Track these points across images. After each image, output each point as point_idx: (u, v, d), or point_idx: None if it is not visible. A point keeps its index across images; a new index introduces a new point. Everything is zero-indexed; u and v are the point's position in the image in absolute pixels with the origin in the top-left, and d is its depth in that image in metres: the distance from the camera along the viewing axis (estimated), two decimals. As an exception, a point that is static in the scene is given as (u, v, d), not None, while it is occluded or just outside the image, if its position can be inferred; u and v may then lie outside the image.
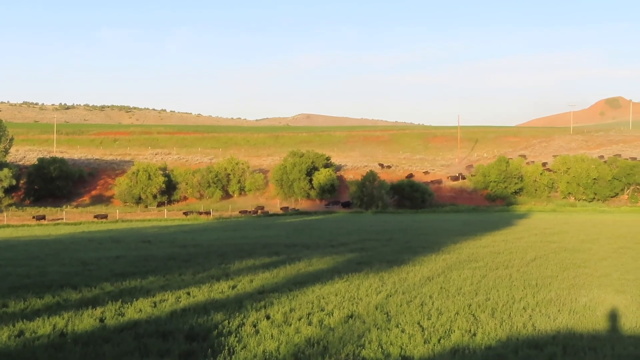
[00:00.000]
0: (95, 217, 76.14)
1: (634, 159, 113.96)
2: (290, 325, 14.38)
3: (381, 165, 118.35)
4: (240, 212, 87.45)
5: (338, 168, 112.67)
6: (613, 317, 15.47)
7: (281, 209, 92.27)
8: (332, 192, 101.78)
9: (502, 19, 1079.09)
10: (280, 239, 40.26)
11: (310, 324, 14.52)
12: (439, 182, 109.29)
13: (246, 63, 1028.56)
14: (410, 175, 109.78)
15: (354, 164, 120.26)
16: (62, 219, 74.24)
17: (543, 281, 20.91)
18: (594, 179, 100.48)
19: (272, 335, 13.43)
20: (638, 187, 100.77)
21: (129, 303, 16.92)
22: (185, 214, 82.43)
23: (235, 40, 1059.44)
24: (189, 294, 18.47)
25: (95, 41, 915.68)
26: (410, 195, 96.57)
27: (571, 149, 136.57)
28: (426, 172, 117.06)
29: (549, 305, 16.85)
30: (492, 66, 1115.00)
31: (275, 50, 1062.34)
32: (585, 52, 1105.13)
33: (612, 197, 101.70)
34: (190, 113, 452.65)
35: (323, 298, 17.70)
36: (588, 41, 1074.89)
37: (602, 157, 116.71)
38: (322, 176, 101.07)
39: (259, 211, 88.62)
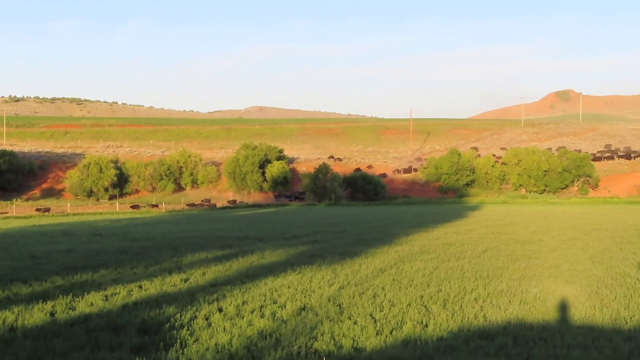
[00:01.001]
0: (37, 210, 75.20)
1: (579, 151, 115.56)
2: (243, 318, 14.34)
3: (334, 157, 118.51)
4: (187, 205, 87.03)
5: (291, 161, 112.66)
6: (563, 307, 15.66)
7: (229, 202, 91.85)
8: (285, 184, 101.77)
9: (454, 11, 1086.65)
10: (233, 231, 40.12)
11: (262, 316, 14.49)
12: (392, 174, 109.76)
13: (198, 55, 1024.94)
14: (358, 170, 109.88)
15: (307, 156, 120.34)
16: (12, 212, 73.25)
17: (494, 272, 21.10)
18: (545, 171, 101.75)
19: (224, 328, 13.38)
20: (588, 179, 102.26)
21: (80, 297, 16.73)
22: (134, 207, 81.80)
23: (187, 31, 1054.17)
24: (141, 287, 18.33)
25: (45, 33, 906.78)
26: (363, 187, 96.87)
27: (522, 142, 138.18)
28: (379, 165, 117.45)
29: (500, 296, 17.01)
30: (444, 59, 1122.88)
31: (227, 42, 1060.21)
32: (535, 45, 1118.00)
33: (562, 188, 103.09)
34: (142, 105, 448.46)
35: (276, 290, 17.69)
36: (538, 34, 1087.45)
37: (552, 149, 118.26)
38: (275, 169, 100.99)
39: (205, 204, 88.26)
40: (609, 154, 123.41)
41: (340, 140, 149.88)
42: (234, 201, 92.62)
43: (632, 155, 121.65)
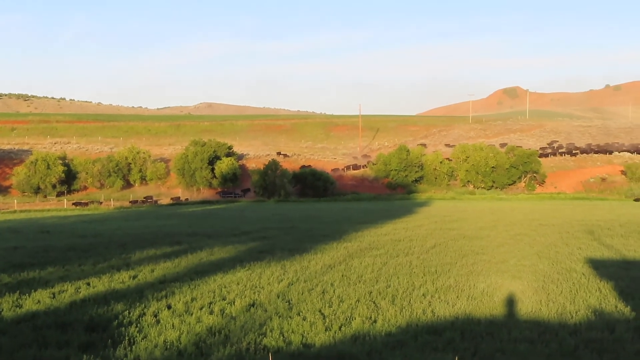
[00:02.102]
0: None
1: (519, 146, 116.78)
2: (192, 314, 14.30)
3: (283, 154, 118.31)
4: (130, 202, 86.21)
5: (240, 157, 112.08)
6: (510, 302, 15.84)
7: (172, 199, 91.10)
8: (234, 181, 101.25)
9: (403, 8, 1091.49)
10: (182, 228, 39.87)
11: (211, 313, 14.46)
12: (341, 170, 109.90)
13: (147, 51, 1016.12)
14: (308, 166, 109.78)
15: (256, 153, 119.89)
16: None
17: (442, 268, 21.27)
18: (492, 167, 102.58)
19: (173, 325, 13.33)
20: (535, 175, 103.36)
21: (27, 294, 16.55)
22: (76, 204, 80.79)
23: (135, 27, 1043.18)
24: (89, 284, 18.16)
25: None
26: (313, 183, 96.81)
27: (470, 138, 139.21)
28: (328, 161, 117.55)
29: (448, 291, 17.15)
30: (392, 55, 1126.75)
31: (176, 38, 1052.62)
32: (483, 43, 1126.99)
33: (509, 185, 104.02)
34: (90, 102, 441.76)
35: (225, 287, 17.65)
36: (486, 31, 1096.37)
37: (500, 145, 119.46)
38: (224, 165, 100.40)
39: (148, 201, 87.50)
40: (554, 151, 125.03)
41: (289, 137, 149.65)
42: (177, 198, 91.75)
43: (575, 151, 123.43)
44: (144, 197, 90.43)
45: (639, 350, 11.70)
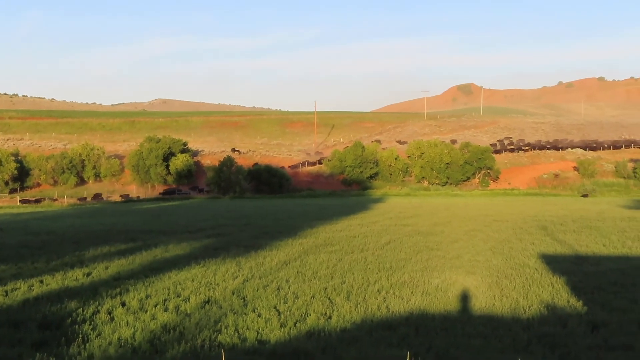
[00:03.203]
0: None
1: (471, 141, 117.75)
2: (146, 311, 14.21)
3: (239, 150, 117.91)
4: (78, 199, 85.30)
5: (195, 153, 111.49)
6: (464, 298, 15.97)
7: (121, 196, 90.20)
8: (189, 177, 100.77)
9: (358, 4, 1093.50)
10: (137, 225, 39.56)
11: (166, 310, 14.39)
12: (296, 167, 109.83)
13: (101, 47, 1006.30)
14: (256, 163, 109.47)
15: (212, 149, 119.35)
16: None
17: (397, 264, 21.37)
18: (447, 163, 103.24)
19: (127, 322, 13.23)
20: (489, 171, 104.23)
21: (-22, 292, 16.33)
22: (23, 202, 79.73)
23: (89, 23, 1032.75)
24: (42, 282, 17.95)
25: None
26: (268, 180, 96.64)
27: (425, 135, 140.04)
28: (283, 158, 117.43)
29: (403, 287, 17.24)
30: (347, 52, 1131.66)
31: (130, 34, 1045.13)
32: (437, 39, 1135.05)
33: (464, 181, 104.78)
34: (44, 98, 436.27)
35: (179, 284, 17.57)
36: (440, 28, 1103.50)
37: (454, 142, 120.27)
38: (179, 162, 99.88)
39: (97, 199, 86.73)
40: (505, 147, 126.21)
41: (245, 133, 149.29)
42: (127, 195, 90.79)
43: (524, 147, 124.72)
44: (94, 195, 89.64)
45: (590, 345, 11.85)
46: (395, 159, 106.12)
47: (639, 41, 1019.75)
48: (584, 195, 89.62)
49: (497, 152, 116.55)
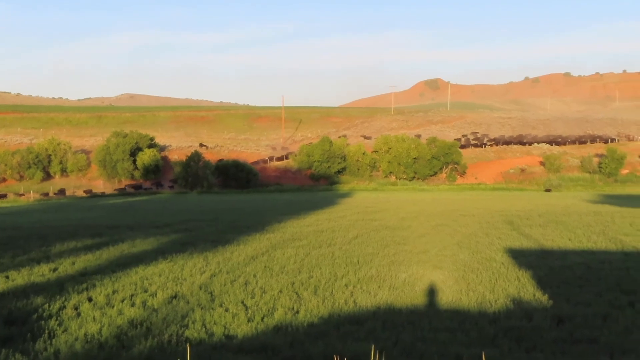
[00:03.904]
0: None
1: (438, 136, 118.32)
2: (113, 307, 14.13)
3: (206, 145, 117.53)
4: (42, 194, 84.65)
5: (163, 148, 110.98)
6: (431, 292, 16.05)
7: (84, 191, 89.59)
8: (156, 172, 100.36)
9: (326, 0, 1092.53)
10: (104, 220, 39.27)
11: (133, 305, 14.33)
12: (264, 162, 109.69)
13: (67, 41, 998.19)
14: (221, 160, 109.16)
15: (179, 144, 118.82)
16: None
17: (364, 258, 21.42)
18: (414, 158, 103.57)
19: (94, 318, 13.16)
20: (456, 166, 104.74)
21: (-58, 289, 16.17)
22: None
23: (55, 17, 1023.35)
24: (7, 277, 17.79)
25: None
26: (236, 175, 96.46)
27: (392, 129, 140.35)
28: (251, 153, 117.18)
29: (370, 281, 17.29)
30: (316, 46, 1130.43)
31: (97, 28, 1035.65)
32: (405, 34, 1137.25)
33: (431, 175, 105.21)
34: (9, 92, 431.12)
35: (147, 279, 17.50)
36: (407, 23, 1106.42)
37: (418, 136, 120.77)
38: (146, 157, 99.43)
39: (60, 194, 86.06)
40: (470, 142, 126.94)
41: (212, 128, 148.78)
42: (90, 190, 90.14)
43: (489, 143, 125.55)
44: (58, 190, 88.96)
45: (556, 338, 11.97)
46: (363, 153, 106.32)
47: (604, 37, 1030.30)
48: (547, 190, 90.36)
49: (464, 147, 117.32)
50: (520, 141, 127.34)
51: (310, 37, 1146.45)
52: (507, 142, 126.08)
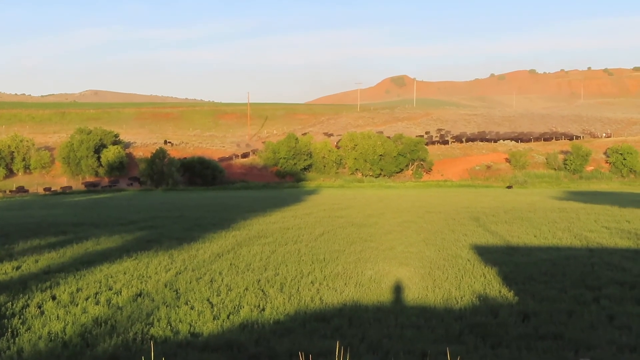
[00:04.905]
0: None
1: (404, 133, 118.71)
2: (77, 305, 14.08)
3: (171, 142, 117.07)
4: (2, 192, 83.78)
5: (127, 145, 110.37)
6: (397, 289, 16.13)
7: (45, 189, 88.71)
8: (121, 169, 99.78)
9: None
10: (68, 217, 38.95)
11: (97, 303, 14.28)
12: (230, 159, 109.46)
13: (30, 37, 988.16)
14: (184, 158, 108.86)
15: (144, 141, 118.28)
16: None
17: (331, 255, 21.47)
18: (380, 155, 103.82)
19: (58, 316, 13.11)
20: (422, 163, 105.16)
21: None
22: None
23: (17, 13, 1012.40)
24: (-32, 276, 17.66)
25: None
26: (201, 172, 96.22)
27: (358, 126, 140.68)
28: (217, 149, 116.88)
29: (336, 279, 17.34)
30: (281, 43, 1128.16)
31: (60, 24, 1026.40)
32: (370, 31, 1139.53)
33: (397, 172, 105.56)
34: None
35: (111, 277, 17.43)
36: (372, 20, 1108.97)
37: (380, 132, 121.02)
38: (110, 154, 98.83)
39: (20, 192, 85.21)
40: (442, 139, 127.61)
41: (177, 125, 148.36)
42: (49, 188, 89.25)
43: (455, 140, 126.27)
44: (16, 188, 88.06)
45: (521, 334, 12.08)
46: (329, 151, 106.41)
47: (569, 34, 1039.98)
48: (509, 187, 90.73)
49: (430, 143, 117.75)
50: (486, 138, 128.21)
51: (275, 33, 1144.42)
52: (473, 139, 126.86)
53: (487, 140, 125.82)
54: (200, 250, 22.89)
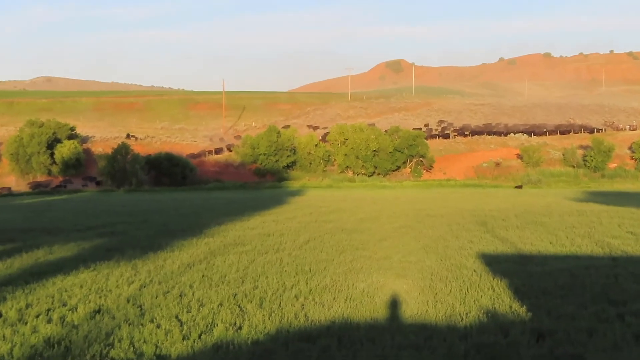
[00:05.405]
0: None
1: (401, 125, 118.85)
2: (26, 323, 13.97)
3: (135, 136, 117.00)
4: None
5: (85, 140, 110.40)
6: (393, 304, 16.10)
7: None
8: (78, 167, 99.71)
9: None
10: (16, 223, 38.83)
11: (50, 321, 14.17)
12: (202, 155, 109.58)
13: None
14: (149, 155, 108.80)
15: (104, 135, 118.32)
16: None
17: (317, 266, 21.44)
18: (374, 150, 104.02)
19: (4, 336, 13.01)
20: (421, 159, 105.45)
21: None
22: None
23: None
24: None
25: None
26: (169, 170, 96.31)
27: (349, 118, 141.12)
28: (187, 144, 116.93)
29: (324, 292, 17.30)
30: (259, 23, 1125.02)
31: (7, 2, 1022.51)
32: (362, 10, 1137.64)
33: (393, 170, 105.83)
34: None
35: (66, 291, 17.33)
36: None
37: (372, 124, 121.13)
38: (65, 149, 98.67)
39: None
40: (444, 132, 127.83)
41: (142, 117, 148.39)
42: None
43: (457, 133, 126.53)
44: None
45: (535, 356, 12.05)
46: (316, 145, 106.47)
47: (589, 11, 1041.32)
48: (518, 187, 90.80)
49: (430, 137, 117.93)
50: (495, 131, 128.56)
51: (253, 11, 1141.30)
52: (480, 132, 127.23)
53: (496, 134, 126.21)
54: (168, 260, 22.82)
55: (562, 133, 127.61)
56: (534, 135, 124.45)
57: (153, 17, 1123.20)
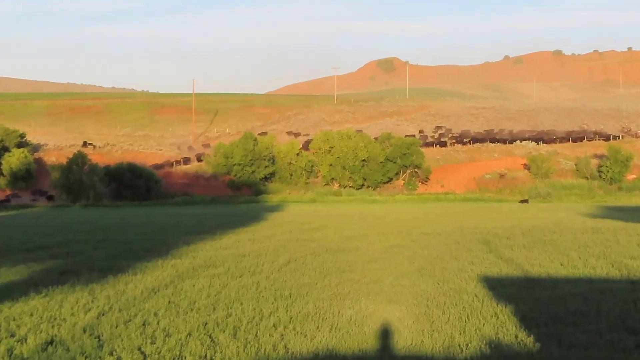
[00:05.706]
0: None
1: (393, 132, 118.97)
2: (-32, 357, 13.98)
3: (93, 144, 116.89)
4: None
5: (36, 148, 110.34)
6: (384, 333, 16.10)
7: None
8: (28, 179, 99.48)
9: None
10: (-43, 243, 38.81)
11: (-5, 354, 14.17)
12: (169, 165, 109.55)
13: None
14: (108, 165, 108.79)
15: (58, 142, 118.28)
16: None
17: (298, 291, 21.42)
18: (363, 160, 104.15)
19: (-58, 372, 13.01)
20: (416, 170, 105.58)
21: None
22: None
23: None
24: None
25: None
26: (132, 182, 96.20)
27: (335, 123, 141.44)
28: (152, 153, 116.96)
29: (306, 320, 17.29)
30: (234, 18, 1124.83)
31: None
32: (350, 4, 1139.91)
33: (385, 182, 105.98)
34: None
35: (14, 320, 17.27)
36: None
37: (359, 131, 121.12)
38: (14, 159, 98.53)
39: None
40: (442, 139, 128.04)
41: (101, 122, 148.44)
42: None
43: (463, 139, 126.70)
44: None
45: (542, 390, 12.09)
46: (297, 154, 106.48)
47: (604, 5, 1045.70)
48: (524, 201, 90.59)
49: (426, 145, 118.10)
50: (498, 138, 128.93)
51: (228, 4, 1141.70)
52: (482, 139, 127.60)
53: (500, 141, 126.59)
54: (129, 284, 22.76)
55: (574, 140, 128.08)
56: (542, 142, 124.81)
57: (114, 10, 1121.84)
